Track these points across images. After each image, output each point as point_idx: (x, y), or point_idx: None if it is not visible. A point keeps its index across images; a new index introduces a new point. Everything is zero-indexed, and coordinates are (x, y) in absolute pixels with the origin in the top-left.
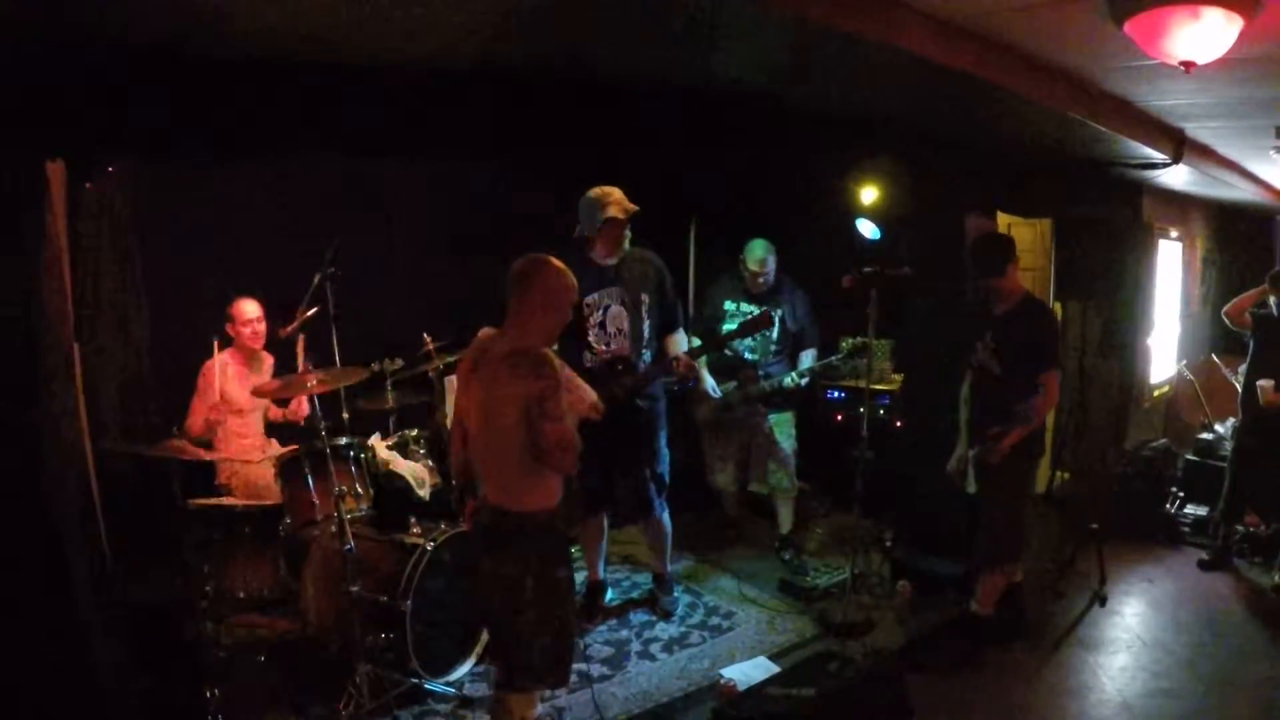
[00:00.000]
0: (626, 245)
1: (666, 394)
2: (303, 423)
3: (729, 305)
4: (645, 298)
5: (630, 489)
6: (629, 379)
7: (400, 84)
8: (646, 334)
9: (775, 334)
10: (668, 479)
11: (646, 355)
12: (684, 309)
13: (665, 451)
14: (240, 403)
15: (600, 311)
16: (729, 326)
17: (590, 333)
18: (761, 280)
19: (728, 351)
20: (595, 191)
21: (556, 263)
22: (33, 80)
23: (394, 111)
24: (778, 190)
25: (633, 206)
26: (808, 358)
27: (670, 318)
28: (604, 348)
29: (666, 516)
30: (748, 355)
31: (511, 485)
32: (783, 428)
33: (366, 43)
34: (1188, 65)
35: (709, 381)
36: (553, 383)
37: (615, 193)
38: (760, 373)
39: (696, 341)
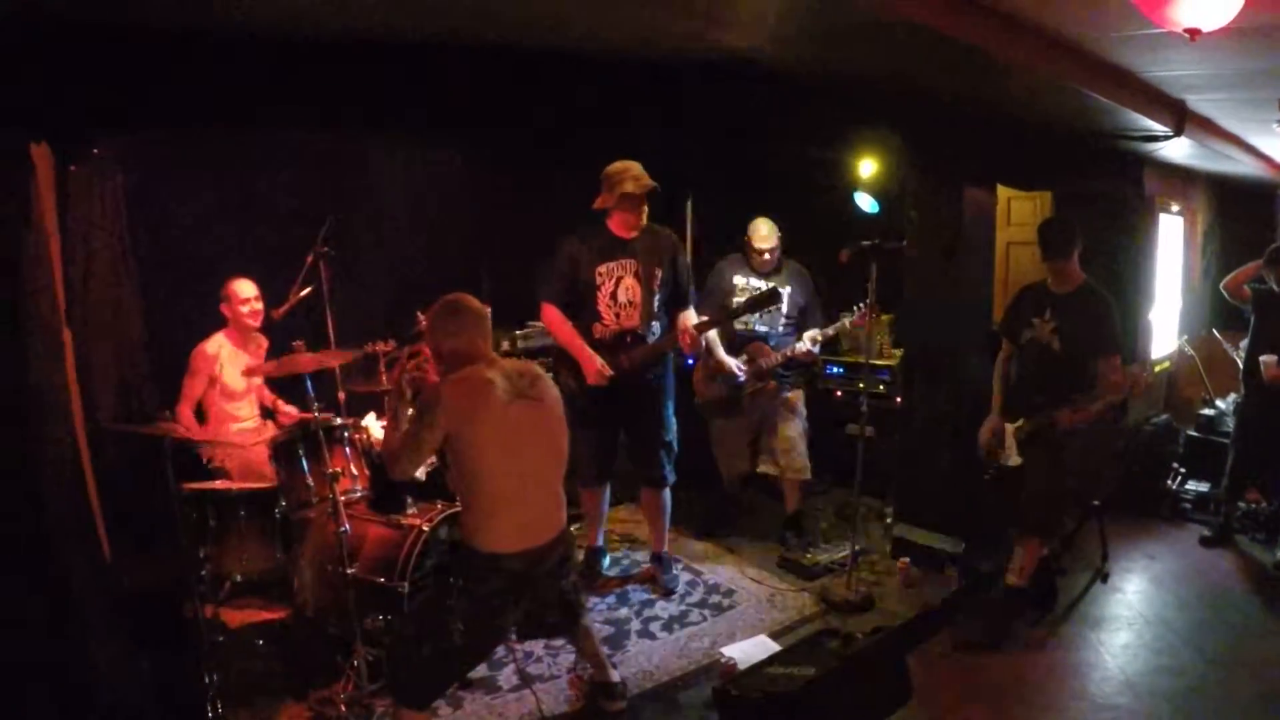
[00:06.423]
0: (644, 220)
1: (675, 372)
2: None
3: (739, 280)
4: (659, 272)
5: (644, 458)
6: (638, 351)
7: (393, 62)
8: (656, 308)
9: (785, 307)
10: (676, 448)
11: (655, 328)
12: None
13: (673, 420)
14: (235, 386)
15: (613, 282)
16: (739, 301)
17: (601, 303)
18: (767, 258)
19: (739, 326)
20: (615, 166)
21: None
22: (15, 60)
23: (386, 90)
24: (775, 165)
25: (650, 183)
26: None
27: (681, 295)
28: (614, 318)
29: (668, 492)
30: (760, 329)
31: (560, 504)
32: (794, 406)
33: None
34: (1192, 33)
35: (730, 361)
36: None
37: (634, 168)
38: (771, 345)
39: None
